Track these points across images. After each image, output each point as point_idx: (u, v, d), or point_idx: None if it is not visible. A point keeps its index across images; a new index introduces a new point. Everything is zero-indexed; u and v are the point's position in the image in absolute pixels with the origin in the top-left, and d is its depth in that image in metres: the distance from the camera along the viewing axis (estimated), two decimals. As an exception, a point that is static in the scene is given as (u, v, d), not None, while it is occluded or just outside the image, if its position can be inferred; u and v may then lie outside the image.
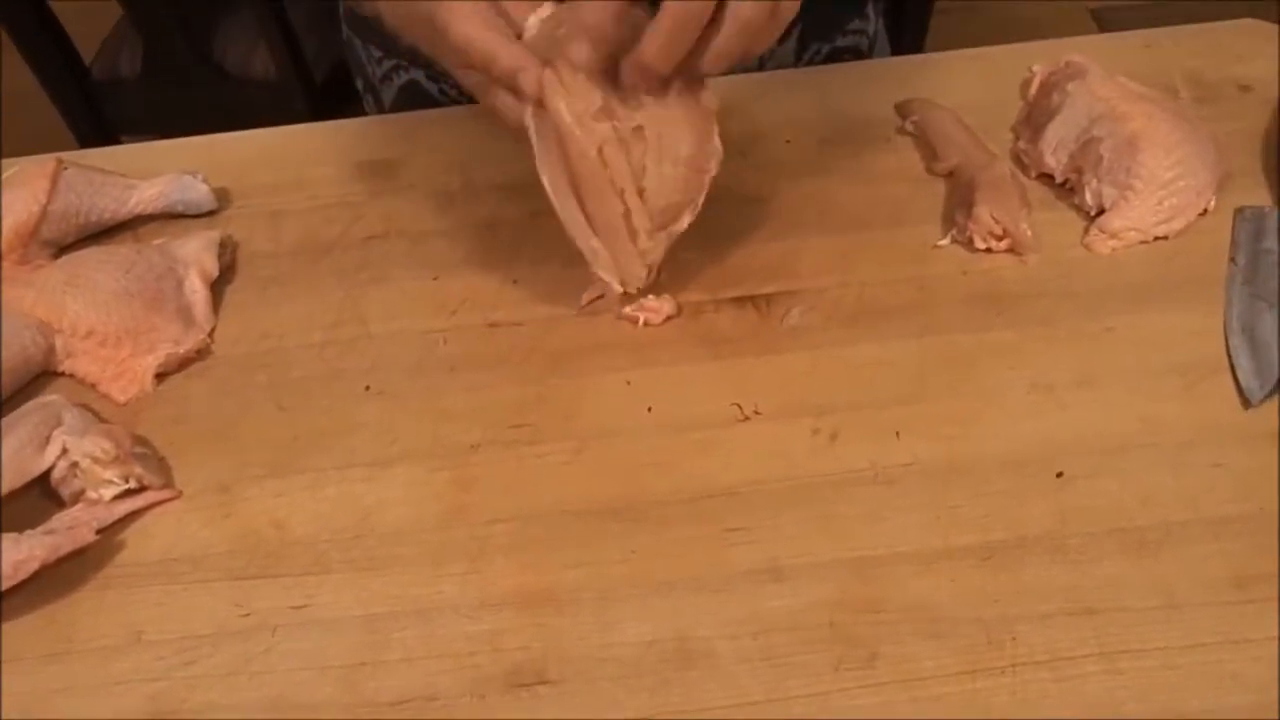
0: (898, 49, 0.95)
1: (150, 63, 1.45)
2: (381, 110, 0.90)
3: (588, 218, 0.59)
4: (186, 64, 1.44)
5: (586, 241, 0.60)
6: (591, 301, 0.64)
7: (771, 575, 0.52)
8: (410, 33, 0.63)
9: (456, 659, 0.51)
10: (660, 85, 0.56)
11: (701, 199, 0.60)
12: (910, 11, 1.30)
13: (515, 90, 0.56)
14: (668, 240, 0.60)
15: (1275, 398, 0.57)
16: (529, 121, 0.57)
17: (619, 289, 0.61)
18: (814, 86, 0.76)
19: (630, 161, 0.57)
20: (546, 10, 0.58)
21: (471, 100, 0.81)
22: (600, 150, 0.56)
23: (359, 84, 0.94)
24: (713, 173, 0.60)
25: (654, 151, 0.58)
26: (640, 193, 0.58)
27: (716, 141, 0.59)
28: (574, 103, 0.55)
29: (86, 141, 1.52)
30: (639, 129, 0.57)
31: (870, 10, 0.88)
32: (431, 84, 0.85)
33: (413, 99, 0.86)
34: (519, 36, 0.58)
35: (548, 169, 0.58)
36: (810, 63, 0.85)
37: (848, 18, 0.86)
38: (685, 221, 0.60)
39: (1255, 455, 0.55)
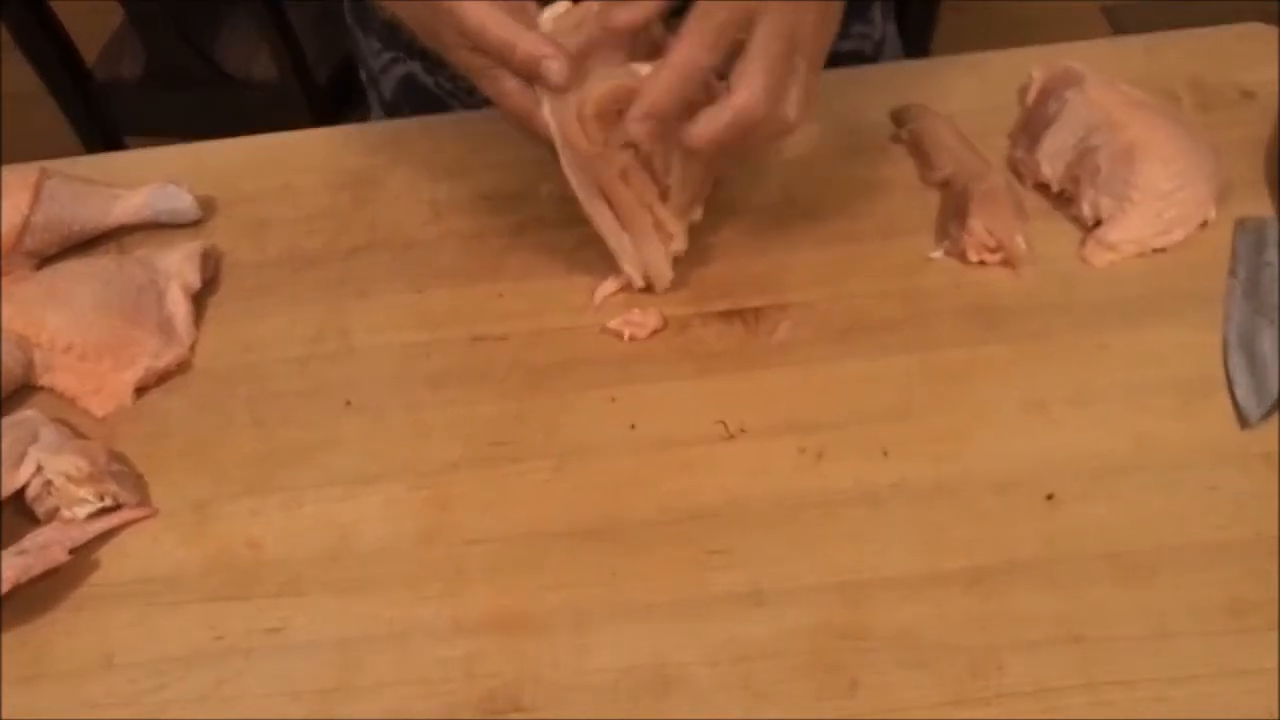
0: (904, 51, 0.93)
1: (152, 65, 1.45)
2: (383, 102, 0.90)
3: (616, 215, 0.60)
4: (188, 66, 1.44)
5: (616, 237, 0.60)
6: (607, 298, 0.64)
7: (753, 600, 0.51)
8: (405, 13, 0.60)
9: (429, 685, 0.50)
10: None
11: (708, 189, 0.61)
12: (912, 13, 1.28)
13: (530, 78, 0.55)
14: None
15: (1273, 418, 0.55)
16: (548, 113, 0.56)
17: (640, 284, 0.62)
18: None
19: (656, 167, 0.58)
20: (562, 7, 0.57)
21: (467, 97, 0.82)
22: (623, 174, 0.57)
23: (363, 75, 0.93)
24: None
25: (678, 150, 0.58)
26: (664, 192, 0.59)
27: None
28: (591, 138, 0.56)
29: (90, 143, 1.52)
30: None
31: (876, 14, 0.86)
32: (428, 76, 0.84)
33: (410, 91, 0.86)
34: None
35: (572, 167, 0.58)
36: None
37: (850, 22, 0.84)
38: (699, 213, 0.61)
39: (1252, 477, 0.53)
